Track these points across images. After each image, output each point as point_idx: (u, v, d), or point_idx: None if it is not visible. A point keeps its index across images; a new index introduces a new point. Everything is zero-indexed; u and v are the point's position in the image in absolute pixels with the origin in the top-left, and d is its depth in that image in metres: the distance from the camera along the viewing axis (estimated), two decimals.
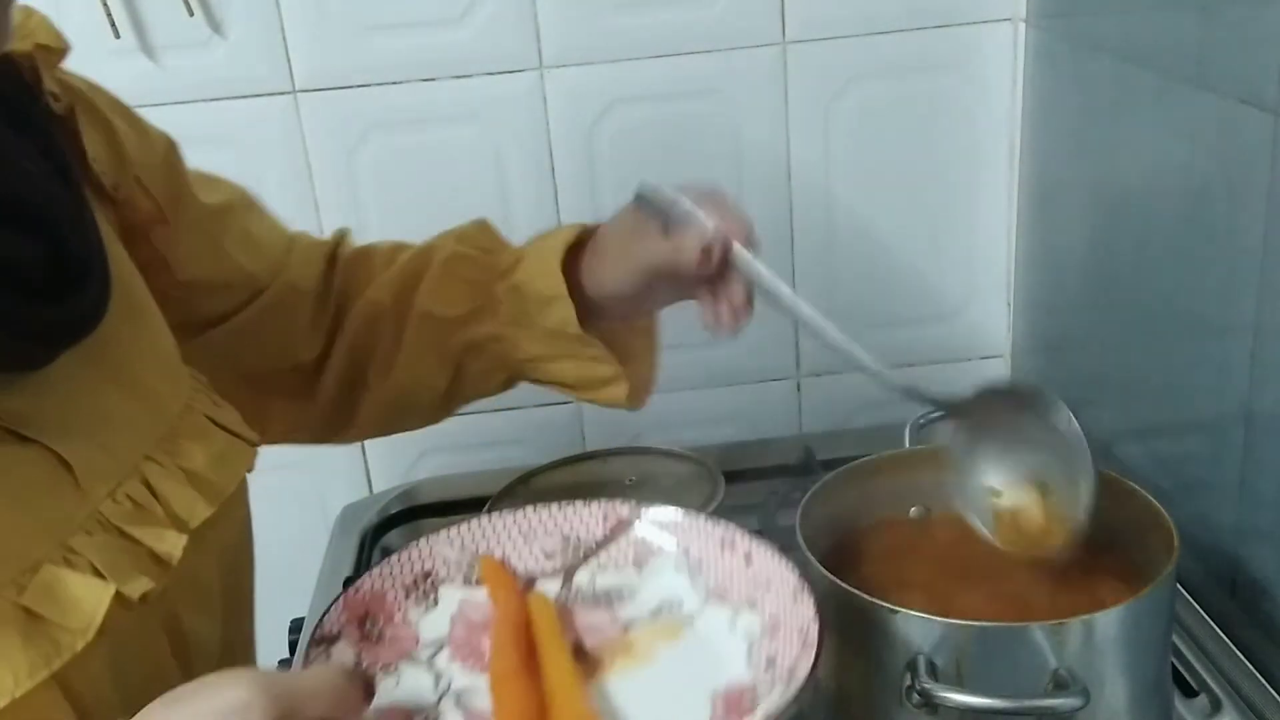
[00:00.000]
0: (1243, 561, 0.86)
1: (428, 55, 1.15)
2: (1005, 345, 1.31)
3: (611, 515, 0.70)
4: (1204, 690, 0.82)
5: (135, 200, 0.71)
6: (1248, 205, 0.80)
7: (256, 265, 0.81)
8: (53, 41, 0.65)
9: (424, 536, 0.68)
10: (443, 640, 0.63)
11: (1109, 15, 1.00)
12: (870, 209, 1.24)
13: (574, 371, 0.84)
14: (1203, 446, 0.91)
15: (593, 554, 0.69)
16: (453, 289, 0.84)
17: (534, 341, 0.83)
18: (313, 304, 0.85)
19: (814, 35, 1.17)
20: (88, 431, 0.60)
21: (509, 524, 0.69)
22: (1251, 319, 0.81)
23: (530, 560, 0.69)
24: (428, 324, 0.84)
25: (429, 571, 0.67)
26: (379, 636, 0.62)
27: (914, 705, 0.67)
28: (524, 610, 0.64)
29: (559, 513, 0.70)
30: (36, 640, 0.53)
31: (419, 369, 0.85)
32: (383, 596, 0.64)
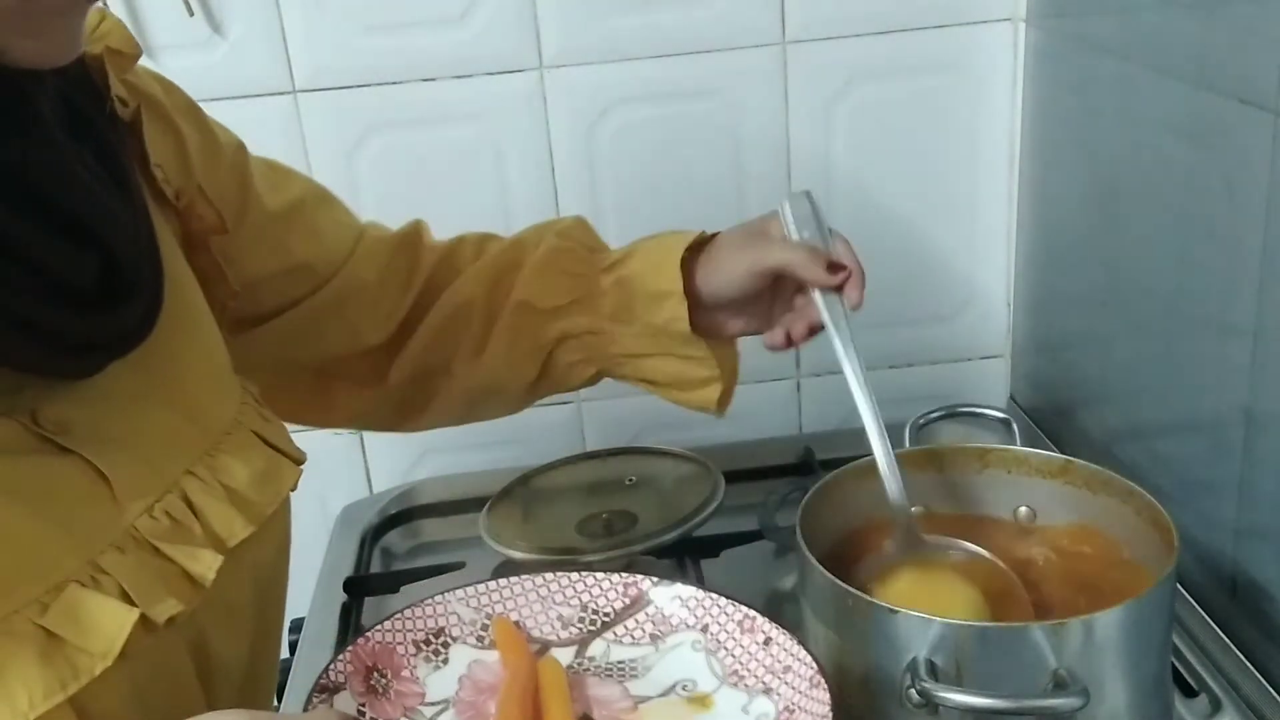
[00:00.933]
0: (1243, 561, 0.86)
1: (428, 55, 1.15)
2: (1005, 345, 1.31)
3: (632, 587, 0.69)
4: (1204, 690, 0.82)
5: (197, 209, 0.71)
6: (1248, 205, 0.80)
7: (320, 260, 0.81)
8: (125, 46, 0.64)
9: (440, 593, 0.67)
10: (449, 700, 0.62)
11: (1109, 15, 1.00)
12: (870, 209, 1.24)
13: (671, 370, 0.84)
14: (1203, 446, 0.91)
15: (610, 625, 0.68)
16: (553, 280, 0.84)
17: (634, 337, 0.83)
18: (378, 294, 0.84)
19: (814, 35, 1.17)
20: (130, 444, 0.59)
21: (527, 588, 0.68)
22: (1251, 319, 0.81)
23: (546, 626, 0.68)
24: (524, 313, 0.84)
25: (441, 629, 0.66)
26: (384, 690, 0.62)
27: (914, 705, 0.67)
28: (534, 675, 0.63)
29: (579, 580, 0.69)
30: (55, 662, 0.53)
31: (511, 357, 0.85)
32: (392, 651, 0.64)
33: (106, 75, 0.63)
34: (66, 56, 0.53)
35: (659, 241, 0.83)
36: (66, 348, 0.56)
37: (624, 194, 1.20)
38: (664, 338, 0.82)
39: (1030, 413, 1.25)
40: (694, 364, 0.83)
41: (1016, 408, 1.28)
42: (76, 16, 0.53)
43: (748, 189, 1.22)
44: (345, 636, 0.97)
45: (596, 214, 1.20)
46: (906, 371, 1.30)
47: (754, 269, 0.80)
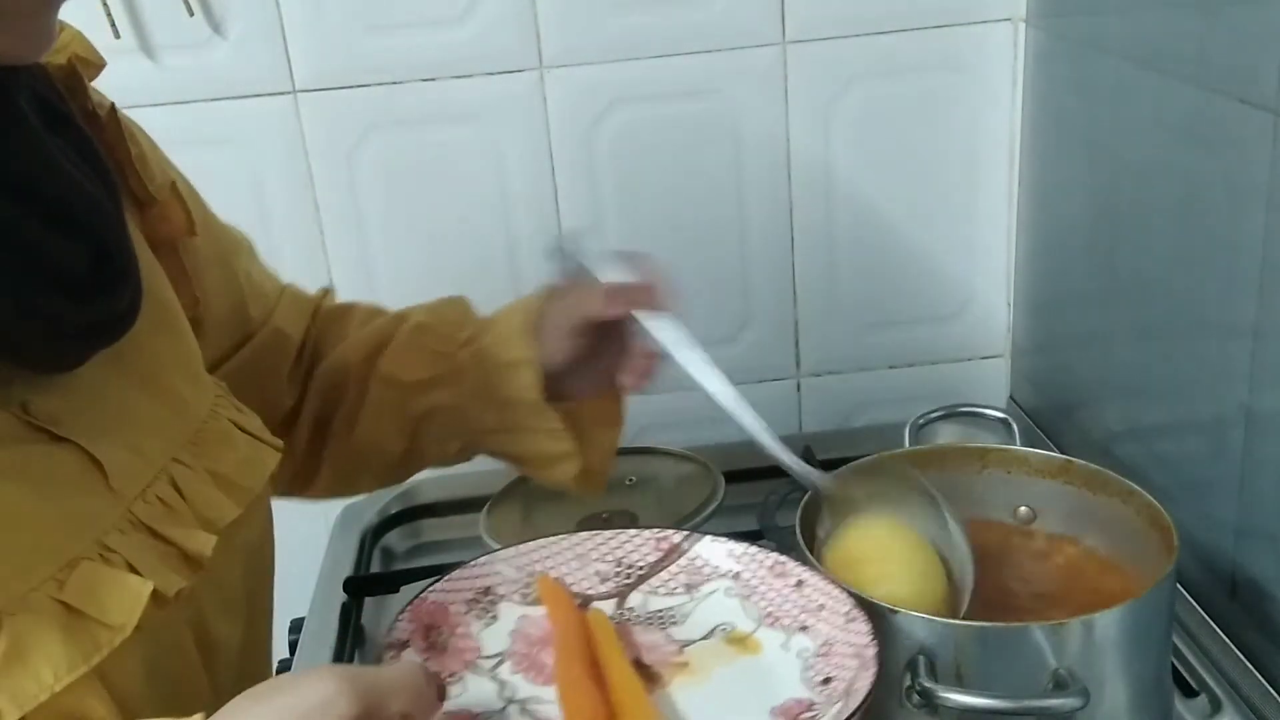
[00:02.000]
0: (1243, 561, 0.86)
1: (428, 55, 1.15)
2: (1005, 345, 1.31)
3: (664, 541, 0.72)
4: (1204, 690, 0.82)
5: (169, 208, 0.72)
6: (1248, 205, 0.80)
7: (255, 306, 0.82)
8: (90, 56, 0.67)
9: (483, 555, 0.70)
10: (504, 653, 0.65)
11: (1109, 15, 1.00)
12: (870, 209, 1.24)
13: (527, 445, 0.83)
14: (1203, 446, 0.91)
15: (645, 577, 0.71)
16: (415, 356, 0.84)
17: (490, 412, 0.83)
18: (294, 353, 0.86)
19: (814, 35, 1.17)
20: (118, 432, 0.61)
21: (564, 547, 0.71)
22: (1251, 319, 0.81)
23: (585, 582, 0.70)
24: (389, 387, 0.84)
25: (488, 588, 0.68)
26: (444, 646, 0.64)
27: (914, 705, 0.67)
28: (583, 625, 0.66)
29: (612, 539, 0.72)
30: (76, 635, 0.54)
31: (378, 431, 0.85)
32: (445, 609, 0.66)
33: (72, 82, 0.65)
34: (41, 51, 0.55)
35: (509, 311, 0.83)
36: (63, 335, 0.57)
37: (624, 194, 1.20)
38: (518, 411, 0.81)
39: (1030, 413, 1.25)
40: (547, 438, 0.82)
41: (1016, 408, 1.28)
42: (49, 13, 0.54)
43: (748, 189, 1.22)
44: (345, 636, 0.97)
45: (597, 214, 1.20)
46: (906, 371, 1.30)
47: (563, 330, 0.79)
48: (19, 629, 0.52)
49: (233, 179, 1.16)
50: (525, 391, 0.80)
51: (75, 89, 0.66)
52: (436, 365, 0.84)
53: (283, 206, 1.18)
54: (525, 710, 0.60)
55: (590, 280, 0.77)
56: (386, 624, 0.93)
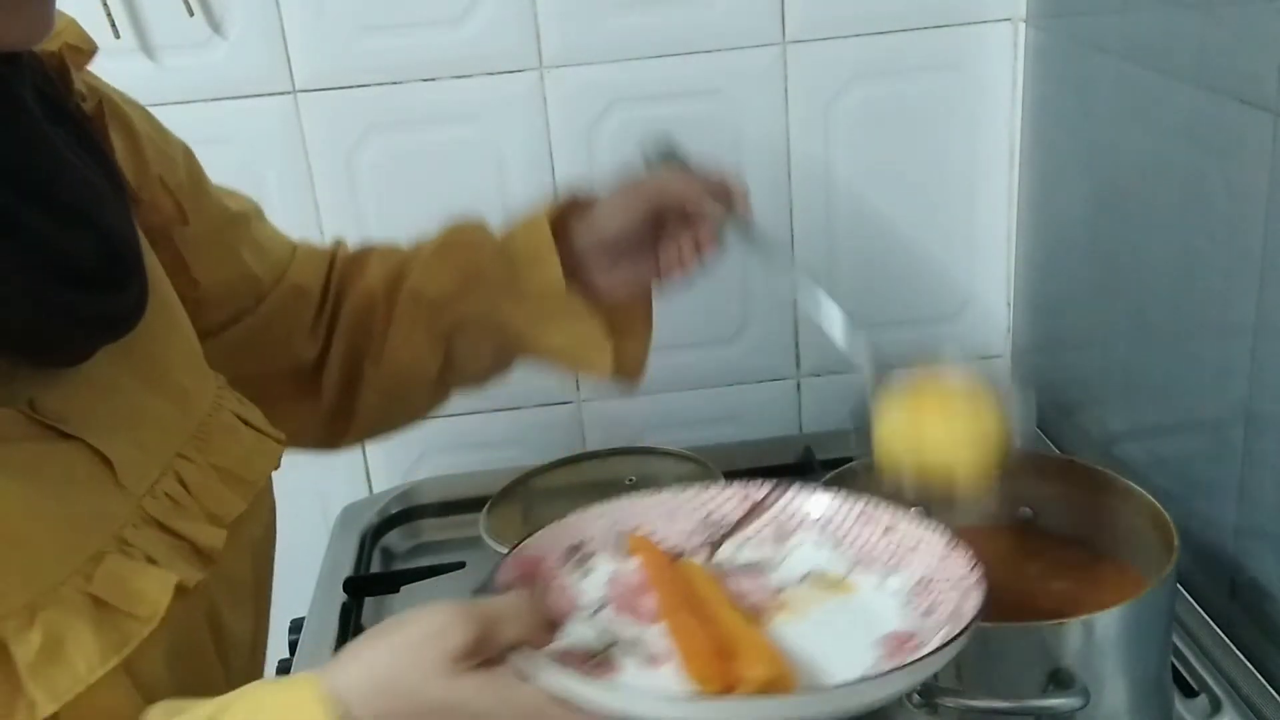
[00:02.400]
0: (1243, 561, 0.86)
1: (428, 55, 1.15)
2: (1005, 345, 1.31)
3: (750, 497, 0.72)
4: (1204, 690, 0.82)
5: (158, 201, 0.72)
6: (1248, 205, 0.80)
7: (263, 270, 0.82)
8: (81, 43, 0.66)
9: (573, 512, 0.70)
10: (603, 599, 0.65)
11: (1109, 15, 1.00)
12: (870, 209, 1.24)
13: (560, 338, 0.83)
14: (1203, 446, 0.91)
15: (733, 532, 0.71)
16: (441, 269, 0.84)
17: (520, 310, 0.83)
18: (315, 304, 0.85)
19: (814, 35, 1.17)
20: (124, 429, 0.61)
21: (651, 504, 0.71)
22: (1251, 319, 0.81)
23: (673, 538, 0.71)
24: (416, 303, 0.84)
25: (580, 544, 0.69)
26: (543, 594, 0.64)
27: (914, 705, 0.67)
28: (680, 573, 0.66)
29: (697, 496, 0.72)
30: (106, 628, 0.55)
31: (409, 351, 0.85)
32: (541, 561, 0.66)
33: (67, 71, 0.65)
34: (40, 37, 0.55)
35: (529, 210, 0.84)
36: (74, 328, 0.57)
37: None
38: (546, 304, 0.82)
39: None
40: (580, 325, 0.83)
41: None
42: None
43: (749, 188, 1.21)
44: (345, 636, 0.97)
45: None
46: (907, 372, 1.30)
47: (630, 204, 0.80)
48: (52, 622, 0.53)
49: (233, 179, 1.15)
50: (550, 284, 0.80)
51: (64, 78, 0.65)
52: (462, 274, 0.84)
53: (283, 206, 1.18)
54: (632, 650, 0.60)
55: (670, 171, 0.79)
56: None
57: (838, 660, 0.59)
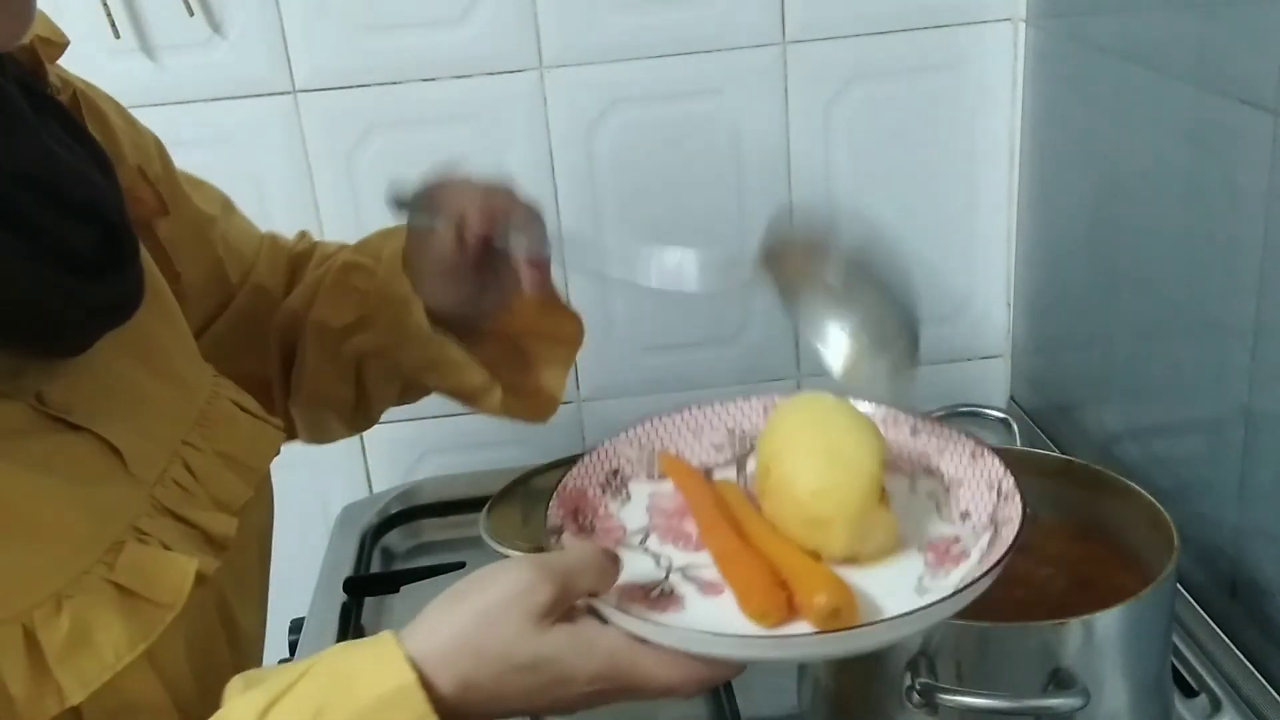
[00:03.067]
0: (1243, 561, 0.86)
1: (428, 55, 1.15)
2: (1005, 345, 1.31)
3: (771, 406, 0.72)
4: (1204, 690, 0.82)
5: (138, 191, 0.71)
6: (1248, 205, 0.80)
7: (232, 269, 0.81)
8: (52, 35, 0.66)
9: (606, 439, 0.70)
10: (647, 527, 0.66)
11: (1109, 15, 1.00)
12: (870, 209, 1.23)
13: (452, 380, 0.81)
14: (1203, 446, 0.91)
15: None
16: (342, 298, 0.82)
17: (411, 350, 0.80)
18: (276, 306, 0.84)
19: (814, 35, 1.17)
20: (129, 417, 0.61)
21: (678, 423, 0.72)
22: (1251, 319, 0.81)
23: (703, 454, 0.71)
24: (321, 334, 0.82)
25: (617, 469, 0.69)
26: (591, 529, 0.65)
27: (914, 705, 0.67)
28: (714, 493, 0.66)
29: (722, 409, 0.73)
30: (131, 615, 0.55)
31: (322, 380, 0.83)
32: (584, 493, 0.67)
33: (41, 63, 0.64)
34: (22, 32, 0.54)
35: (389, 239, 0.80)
36: (78, 315, 0.57)
37: (624, 194, 1.20)
38: (430, 346, 0.79)
39: (1030, 413, 1.25)
40: (466, 370, 0.80)
41: (1016, 408, 1.28)
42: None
43: (748, 189, 1.22)
44: (345, 636, 0.97)
45: (596, 214, 1.20)
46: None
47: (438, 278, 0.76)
48: (79, 610, 0.53)
49: (233, 179, 1.15)
50: (420, 327, 0.78)
51: (39, 70, 0.65)
52: (363, 305, 0.81)
53: (283, 206, 1.18)
54: (688, 576, 0.61)
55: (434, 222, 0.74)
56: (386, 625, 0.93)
57: (887, 574, 0.59)
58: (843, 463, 0.60)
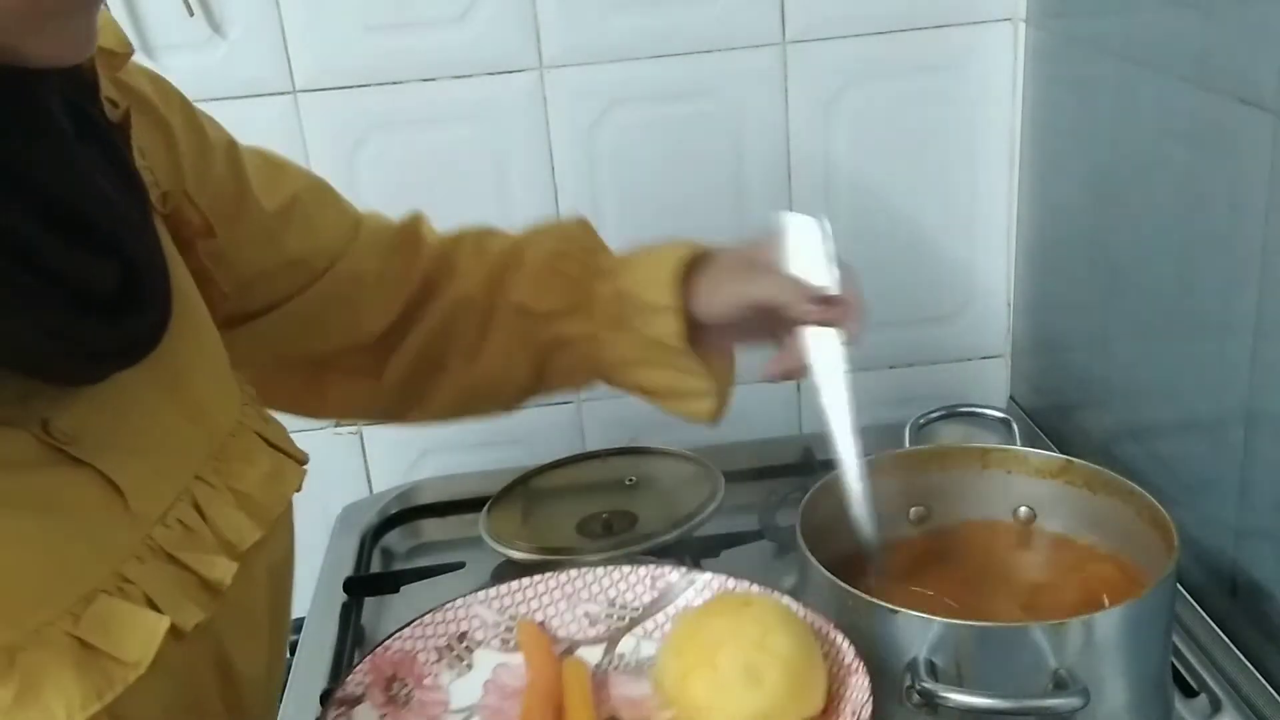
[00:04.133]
0: (1243, 561, 0.86)
1: (428, 55, 1.15)
2: (1005, 345, 1.31)
3: (660, 580, 0.68)
4: (1204, 690, 0.82)
5: (184, 213, 0.70)
6: (1248, 205, 0.80)
7: (315, 254, 0.79)
8: (116, 45, 0.63)
9: (461, 597, 0.66)
10: (474, 707, 0.61)
11: (1109, 15, 1.00)
12: (870, 209, 1.24)
13: (666, 380, 0.82)
14: (1203, 446, 0.91)
15: (639, 620, 0.67)
16: (550, 284, 0.83)
17: (629, 346, 0.81)
18: (375, 288, 0.83)
19: (814, 35, 1.17)
20: (139, 451, 0.59)
21: (551, 586, 0.67)
22: (1251, 319, 0.81)
23: (573, 625, 0.67)
24: (520, 317, 0.83)
25: (464, 633, 0.64)
26: (406, 700, 0.60)
27: (914, 705, 0.67)
28: (558, 678, 0.62)
29: (604, 576, 0.68)
30: (89, 672, 0.52)
31: (506, 360, 0.84)
32: (414, 658, 0.62)
33: (97, 76, 0.62)
34: (83, 54, 0.52)
35: (657, 254, 0.81)
36: (88, 355, 0.55)
37: (624, 194, 1.20)
38: (658, 349, 0.80)
39: (1030, 413, 1.25)
40: (688, 376, 0.82)
41: (1016, 408, 1.28)
42: (90, 12, 0.51)
43: (748, 189, 1.22)
44: (345, 636, 0.97)
45: (596, 214, 1.20)
46: (906, 371, 1.30)
47: (741, 301, 0.78)
48: (32, 665, 0.51)
49: None
50: (669, 337, 0.79)
51: (91, 86, 0.62)
52: (572, 294, 0.82)
53: None
54: None
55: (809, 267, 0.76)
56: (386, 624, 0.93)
57: None
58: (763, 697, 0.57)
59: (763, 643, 0.57)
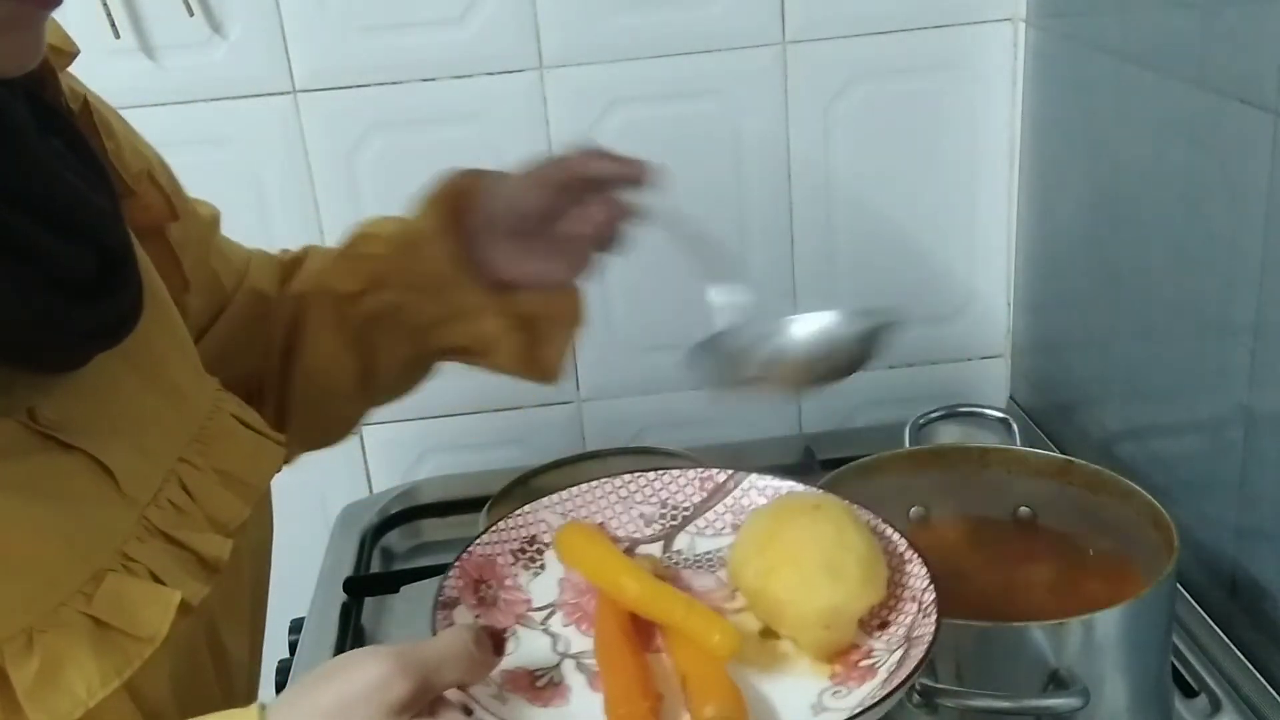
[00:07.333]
0: (1243, 561, 0.86)
1: (428, 55, 1.15)
2: (1005, 345, 1.31)
3: (709, 481, 0.71)
4: (1204, 690, 0.82)
5: (148, 198, 0.71)
6: (1248, 205, 0.80)
7: (226, 276, 0.81)
8: (62, 44, 0.65)
9: (528, 504, 0.68)
10: (554, 604, 0.64)
11: (1109, 15, 1.00)
12: (870, 209, 1.24)
13: (468, 332, 0.81)
14: (1203, 446, 0.91)
15: (691, 519, 0.70)
16: (351, 265, 0.83)
17: (427, 302, 0.80)
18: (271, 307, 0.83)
19: (814, 35, 1.17)
20: (125, 434, 0.60)
21: (607, 491, 0.70)
22: (1251, 319, 0.81)
23: (630, 525, 0.69)
24: (325, 301, 0.82)
25: (534, 537, 0.67)
26: (494, 600, 0.63)
27: (914, 705, 0.67)
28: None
29: (656, 480, 0.71)
30: (106, 650, 0.54)
31: (324, 351, 0.82)
32: (493, 562, 0.65)
33: (53, 72, 0.64)
34: (32, 61, 0.53)
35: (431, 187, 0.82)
36: (71, 340, 0.56)
37: None
38: (444, 291, 0.79)
39: (1030, 413, 1.25)
40: (484, 318, 0.80)
41: (1016, 408, 1.28)
42: (40, 25, 0.53)
43: (748, 189, 1.22)
44: (345, 636, 0.97)
45: None
46: (906, 371, 1.30)
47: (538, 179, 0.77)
48: (51, 645, 0.52)
49: (233, 179, 1.16)
50: (441, 263, 0.78)
51: (47, 81, 0.64)
52: (374, 270, 0.82)
53: (283, 206, 1.18)
54: (581, 665, 0.59)
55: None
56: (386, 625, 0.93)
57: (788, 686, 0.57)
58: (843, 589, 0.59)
59: (840, 540, 0.61)
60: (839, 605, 0.59)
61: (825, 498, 0.66)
